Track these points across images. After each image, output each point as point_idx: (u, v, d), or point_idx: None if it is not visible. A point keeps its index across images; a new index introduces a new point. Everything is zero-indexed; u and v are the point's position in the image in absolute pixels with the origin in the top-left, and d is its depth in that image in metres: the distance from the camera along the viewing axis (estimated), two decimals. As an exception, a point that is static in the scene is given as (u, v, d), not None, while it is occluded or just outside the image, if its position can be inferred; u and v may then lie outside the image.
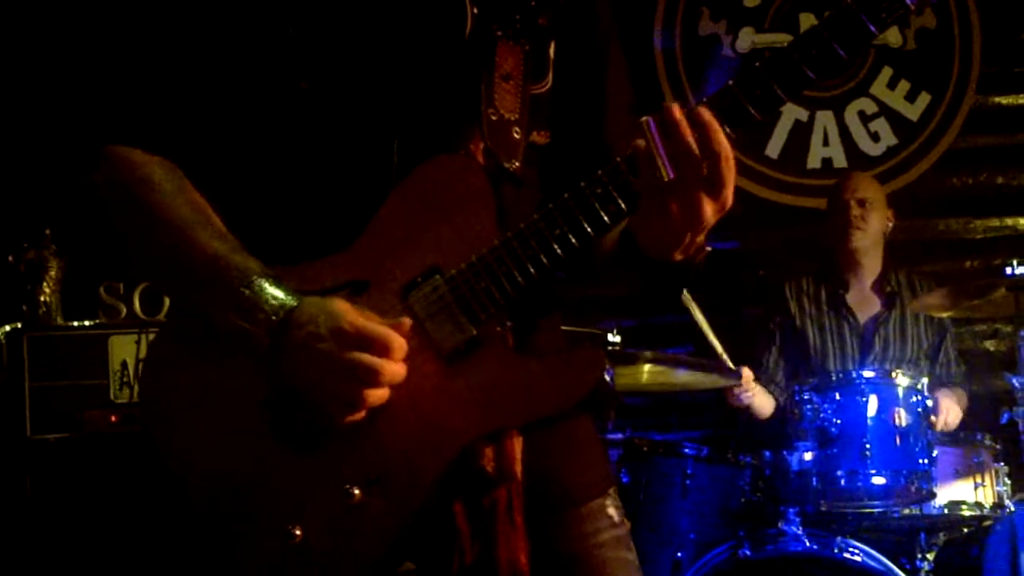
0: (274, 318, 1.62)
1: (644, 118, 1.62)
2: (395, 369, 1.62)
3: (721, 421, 4.91)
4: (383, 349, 1.60)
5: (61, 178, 1.90)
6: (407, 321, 1.64)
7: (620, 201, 1.67)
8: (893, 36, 5.51)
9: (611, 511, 1.90)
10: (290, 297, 1.64)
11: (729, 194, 1.63)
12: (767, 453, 4.07)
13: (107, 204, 1.80)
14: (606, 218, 1.67)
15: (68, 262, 4.17)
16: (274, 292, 1.64)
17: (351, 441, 1.66)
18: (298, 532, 1.64)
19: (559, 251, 1.67)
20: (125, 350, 3.92)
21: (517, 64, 1.84)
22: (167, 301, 3.96)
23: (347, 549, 1.66)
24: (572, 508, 1.86)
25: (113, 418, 3.84)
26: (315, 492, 1.66)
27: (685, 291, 4.18)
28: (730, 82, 1.64)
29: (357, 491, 1.64)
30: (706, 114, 1.60)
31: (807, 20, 5.53)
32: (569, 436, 1.86)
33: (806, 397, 3.99)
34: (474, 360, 1.69)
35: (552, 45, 1.91)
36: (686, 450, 4.12)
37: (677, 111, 1.60)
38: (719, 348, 4.22)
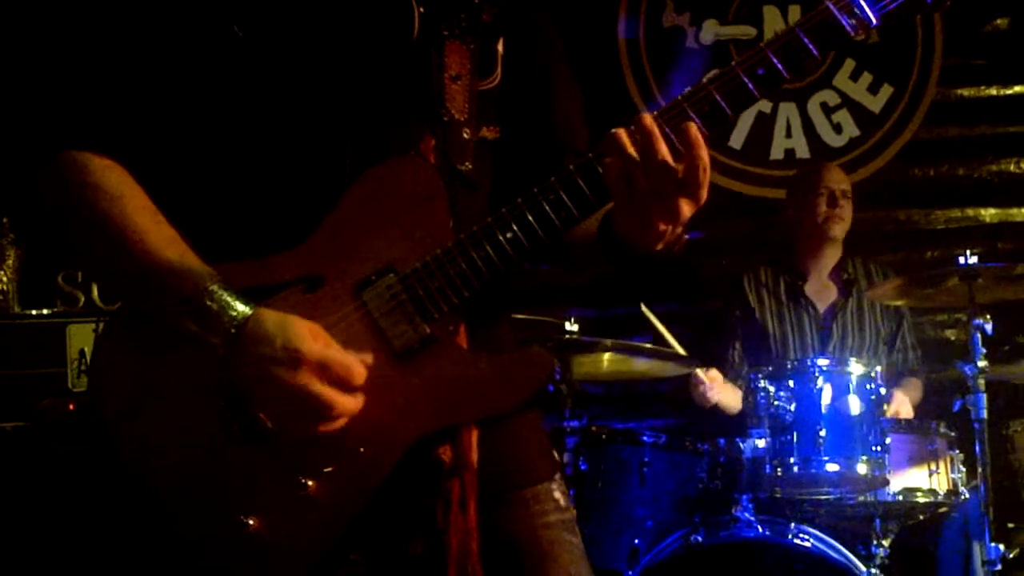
0: (232, 330, 1.63)
1: (614, 130, 1.66)
2: (349, 403, 1.63)
3: (681, 409, 4.92)
4: (341, 380, 1.62)
5: (14, 179, 1.89)
6: (368, 356, 1.66)
7: (572, 207, 1.70)
8: (855, 29, 5.52)
9: (557, 495, 1.93)
10: (246, 307, 1.65)
11: (704, 193, 1.67)
12: (722, 440, 4.10)
13: (57, 210, 1.79)
14: (558, 223, 1.70)
15: (26, 250, 4.16)
16: (229, 301, 1.65)
17: None
18: (251, 522, 1.65)
19: (511, 253, 1.71)
20: (83, 339, 3.92)
21: (464, 63, 1.86)
22: (125, 290, 3.97)
23: (299, 539, 1.67)
24: (518, 491, 1.89)
25: (71, 406, 3.83)
26: (268, 483, 1.67)
27: (643, 305, 4.25)
28: (679, 97, 1.68)
29: (310, 483, 1.66)
30: (692, 130, 1.64)
31: (770, 13, 5.56)
32: (515, 423, 1.89)
33: (760, 385, 4.01)
34: (427, 358, 1.71)
35: (500, 41, 1.93)
36: (644, 438, 4.13)
37: (650, 121, 1.64)
38: (680, 350, 4.26)
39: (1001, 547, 3.75)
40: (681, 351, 4.22)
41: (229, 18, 1.79)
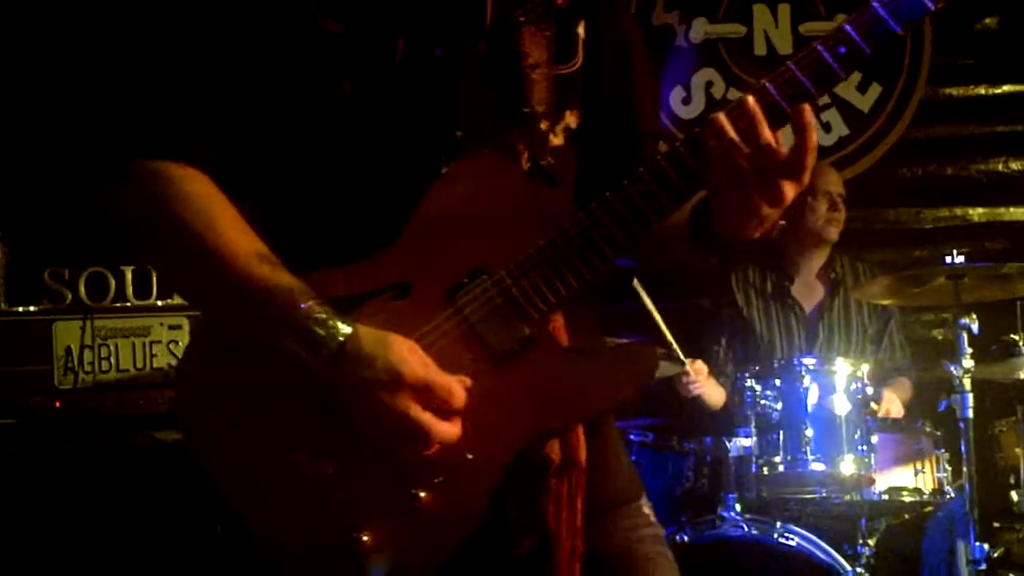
0: (332, 351, 1.58)
1: (715, 115, 1.63)
2: (447, 430, 1.59)
3: (669, 408, 4.92)
4: (441, 404, 1.58)
5: (78, 191, 1.82)
6: (467, 380, 1.62)
7: (665, 198, 1.66)
8: (844, 27, 5.53)
9: (646, 510, 1.91)
10: (345, 325, 1.59)
11: (808, 175, 1.64)
12: (708, 439, 4.10)
13: (138, 223, 1.72)
14: (652, 216, 1.67)
15: (12, 246, 4.14)
16: (326, 320, 1.59)
17: None
18: (365, 538, 1.60)
19: (607, 250, 1.67)
20: (69, 336, 3.91)
21: (541, 50, 1.81)
22: (112, 287, 3.97)
23: (415, 552, 1.62)
24: (614, 510, 1.86)
25: (57, 404, 3.83)
26: (380, 496, 1.62)
27: (635, 280, 4.22)
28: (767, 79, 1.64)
29: (422, 494, 1.61)
30: (807, 112, 1.61)
31: (760, 11, 5.57)
32: (607, 439, 1.86)
33: (747, 384, 4.02)
34: (527, 360, 1.67)
35: (582, 24, 1.88)
36: (631, 437, 4.14)
37: (753, 104, 1.61)
38: (668, 335, 4.25)
39: (986, 546, 3.77)
40: (679, 353, 4.21)
41: (312, 12, 1.72)
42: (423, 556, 1.63)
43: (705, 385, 4.45)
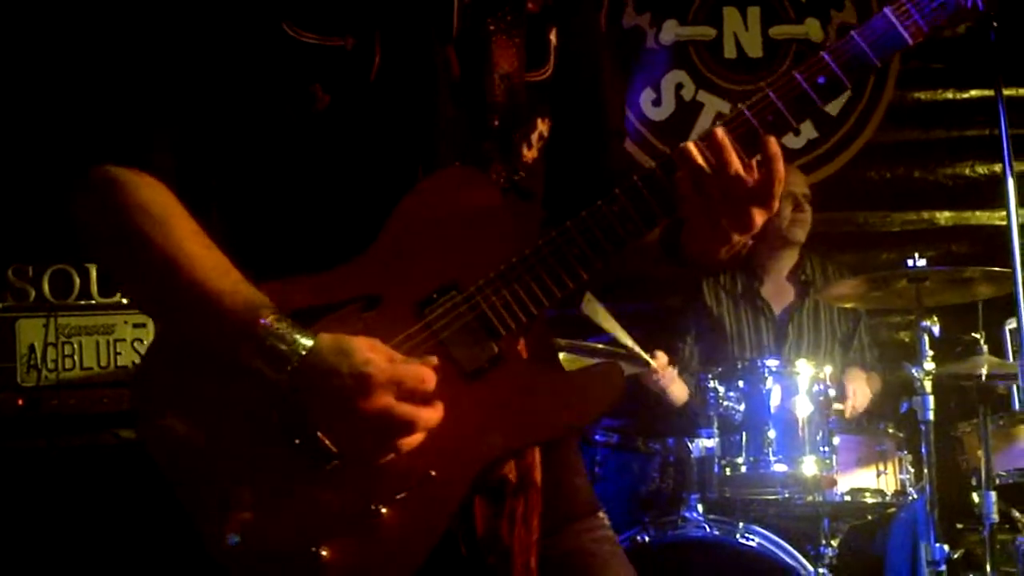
0: (294, 366, 1.56)
1: (685, 144, 1.64)
2: (430, 414, 1.58)
3: (635, 409, 4.93)
4: (417, 392, 1.57)
5: (45, 194, 1.79)
6: (433, 359, 1.60)
7: (638, 219, 1.67)
8: (814, 31, 5.57)
9: (601, 514, 1.92)
10: (305, 338, 1.57)
11: (777, 203, 1.66)
12: (671, 440, 4.11)
13: (95, 233, 1.70)
14: (624, 236, 1.67)
15: (-26, 244, 4.13)
16: (287, 334, 1.57)
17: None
18: (324, 553, 1.59)
19: (580, 270, 1.67)
20: (33, 334, 3.89)
21: (512, 60, 1.80)
22: (76, 285, 3.95)
23: (374, 568, 1.61)
24: (573, 522, 1.86)
25: (20, 402, 3.81)
26: (340, 511, 1.60)
27: (591, 298, 4.22)
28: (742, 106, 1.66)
29: (384, 510, 1.60)
30: (772, 143, 1.63)
31: (730, 14, 5.58)
32: (565, 458, 1.87)
33: (710, 385, 4.03)
34: (496, 377, 1.66)
35: (553, 31, 1.88)
36: (596, 437, 4.16)
37: (722, 134, 1.63)
38: (631, 344, 4.24)
39: (946, 548, 3.78)
40: (645, 356, 4.21)
41: (277, 17, 1.70)
42: (382, 573, 1.61)
43: (671, 379, 4.43)
